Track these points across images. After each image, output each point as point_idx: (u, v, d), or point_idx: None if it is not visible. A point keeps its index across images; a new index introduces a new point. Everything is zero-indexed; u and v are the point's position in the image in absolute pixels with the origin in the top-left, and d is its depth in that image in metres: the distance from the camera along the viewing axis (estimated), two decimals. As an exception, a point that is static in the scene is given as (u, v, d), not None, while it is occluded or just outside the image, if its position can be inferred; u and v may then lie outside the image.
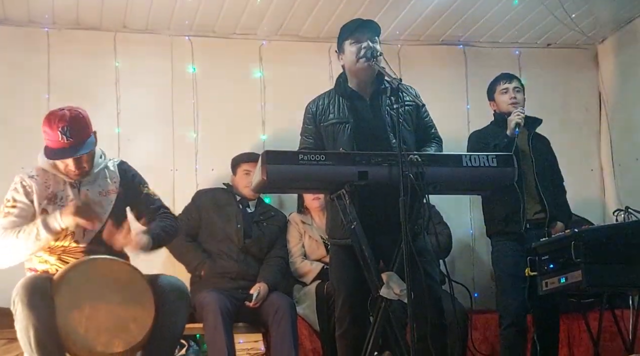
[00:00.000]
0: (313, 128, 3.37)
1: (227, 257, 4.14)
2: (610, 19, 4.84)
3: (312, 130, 3.37)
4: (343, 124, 3.29)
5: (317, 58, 4.90)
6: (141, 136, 4.67)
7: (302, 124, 3.44)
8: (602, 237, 3.55)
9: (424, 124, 3.40)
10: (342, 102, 3.33)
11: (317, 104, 3.39)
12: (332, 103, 3.35)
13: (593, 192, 5.20)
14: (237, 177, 4.37)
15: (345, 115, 3.30)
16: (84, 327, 2.84)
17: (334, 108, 3.33)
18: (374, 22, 3.39)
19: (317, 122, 3.35)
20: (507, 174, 3.14)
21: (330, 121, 3.32)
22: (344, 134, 3.27)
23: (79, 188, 3.12)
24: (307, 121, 3.41)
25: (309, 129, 3.38)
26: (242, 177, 4.33)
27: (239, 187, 4.34)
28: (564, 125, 5.19)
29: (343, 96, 3.34)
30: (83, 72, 4.59)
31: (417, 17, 4.77)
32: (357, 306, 3.19)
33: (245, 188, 4.28)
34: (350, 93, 3.34)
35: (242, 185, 4.30)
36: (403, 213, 2.84)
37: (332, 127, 3.31)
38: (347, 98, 3.33)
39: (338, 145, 3.25)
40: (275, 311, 3.90)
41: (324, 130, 3.34)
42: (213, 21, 4.72)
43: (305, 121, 3.42)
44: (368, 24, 3.35)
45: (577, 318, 4.21)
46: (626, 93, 5.05)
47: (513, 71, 4.81)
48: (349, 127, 3.27)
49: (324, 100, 3.39)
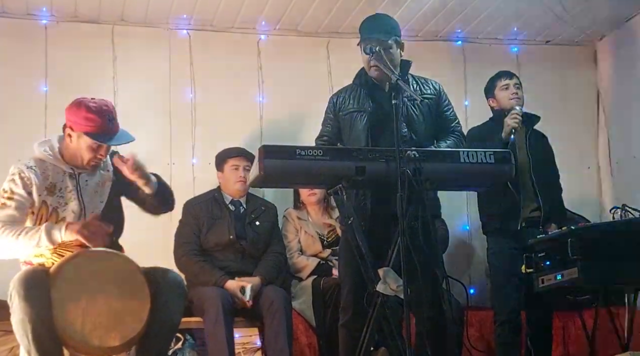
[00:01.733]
0: (332, 117, 3.49)
1: (224, 258, 4.12)
2: (609, 16, 4.84)
3: (331, 118, 3.49)
4: (360, 113, 3.37)
5: (316, 53, 4.90)
6: (138, 129, 4.57)
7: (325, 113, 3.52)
8: (598, 234, 3.55)
9: (444, 118, 3.46)
10: (361, 92, 3.41)
11: (338, 96, 3.49)
12: (353, 95, 3.44)
13: (590, 189, 5.20)
14: (225, 173, 4.29)
15: (363, 104, 3.37)
16: (80, 320, 2.84)
17: (354, 99, 3.42)
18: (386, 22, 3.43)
19: (337, 111, 3.45)
20: (504, 171, 3.15)
21: (348, 110, 3.41)
22: (360, 122, 3.35)
23: (77, 179, 3.14)
24: (328, 110, 3.53)
25: (329, 117, 3.50)
26: (231, 172, 4.26)
27: (228, 184, 4.28)
28: (561, 122, 5.18)
29: (363, 86, 3.41)
30: (80, 65, 4.58)
31: (416, 13, 4.77)
32: (361, 297, 3.18)
33: (236, 184, 4.24)
34: (370, 83, 3.41)
35: (233, 181, 4.25)
36: (400, 209, 2.84)
37: (349, 116, 3.39)
38: (366, 88, 3.40)
39: (354, 134, 3.34)
40: (270, 304, 3.89)
41: (342, 119, 3.43)
42: (211, 15, 4.71)
43: (326, 111, 3.53)
44: (375, 26, 3.39)
45: (573, 315, 4.23)
46: (624, 91, 5.05)
47: (511, 68, 4.82)
48: (365, 116, 3.34)
49: (346, 92, 3.48)
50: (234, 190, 4.27)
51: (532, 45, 5.25)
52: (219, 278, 3.97)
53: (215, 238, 4.13)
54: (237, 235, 4.14)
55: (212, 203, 4.23)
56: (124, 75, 4.68)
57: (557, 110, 5.19)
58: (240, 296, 3.92)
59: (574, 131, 5.25)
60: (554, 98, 5.22)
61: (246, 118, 4.84)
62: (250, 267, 4.13)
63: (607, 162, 5.15)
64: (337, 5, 4.58)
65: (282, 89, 4.85)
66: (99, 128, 3.07)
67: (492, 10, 4.77)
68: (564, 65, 5.30)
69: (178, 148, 4.73)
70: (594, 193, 5.20)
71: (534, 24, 4.98)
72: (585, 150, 5.27)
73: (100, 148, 3.12)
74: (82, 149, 3.11)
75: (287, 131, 4.65)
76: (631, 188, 4.84)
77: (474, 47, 5.18)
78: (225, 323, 3.75)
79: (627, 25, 4.94)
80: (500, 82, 4.15)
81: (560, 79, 5.29)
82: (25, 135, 4.17)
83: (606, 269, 3.46)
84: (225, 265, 4.09)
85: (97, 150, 3.12)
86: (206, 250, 4.14)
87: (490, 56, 5.14)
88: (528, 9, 4.70)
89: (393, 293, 2.94)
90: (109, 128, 3.10)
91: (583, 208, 4.85)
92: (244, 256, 4.16)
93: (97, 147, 3.11)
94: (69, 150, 3.15)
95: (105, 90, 4.57)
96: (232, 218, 4.19)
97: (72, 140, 3.12)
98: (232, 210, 4.23)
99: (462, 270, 4.83)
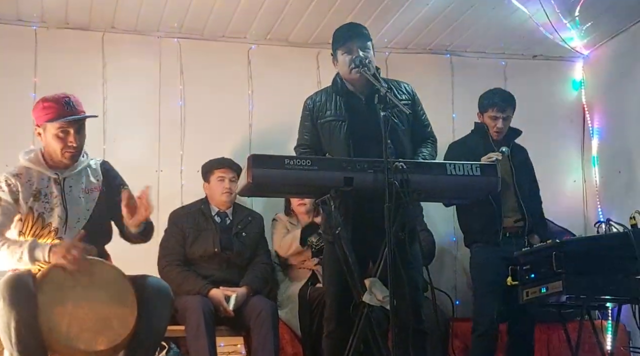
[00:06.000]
0: (310, 125, 3.42)
1: (209, 267, 4.12)
2: (596, 32, 4.90)
3: (309, 127, 3.42)
4: (339, 122, 3.33)
5: (306, 63, 4.92)
6: (127, 136, 4.66)
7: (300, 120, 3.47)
8: (583, 248, 3.59)
9: (420, 122, 3.45)
10: (339, 100, 3.37)
11: (314, 100, 3.44)
12: (329, 100, 3.39)
13: (575, 203, 5.24)
14: (212, 184, 4.28)
15: (342, 113, 3.34)
16: (66, 325, 2.84)
17: (331, 106, 3.38)
18: (363, 29, 3.42)
19: (314, 119, 3.40)
20: (490, 183, 3.17)
21: (327, 118, 3.36)
22: (340, 132, 3.31)
23: (62, 185, 3.14)
24: (304, 117, 3.46)
25: (306, 126, 3.44)
26: (217, 184, 4.26)
27: (214, 195, 4.27)
28: (548, 136, 5.24)
29: (340, 94, 3.38)
30: (70, 72, 4.57)
31: (405, 26, 4.81)
32: (344, 308, 3.18)
33: (222, 195, 4.24)
34: (347, 92, 3.39)
35: (219, 192, 4.24)
36: (388, 219, 2.85)
37: (328, 125, 3.35)
38: (343, 96, 3.37)
39: (334, 143, 3.30)
40: (257, 314, 3.88)
41: (321, 127, 3.38)
42: (202, 24, 4.73)
43: (302, 117, 3.47)
44: (357, 32, 3.38)
45: (557, 328, 4.25)
46: (610, 105, 5.11)
47: (499, 81, 4.89)
48: (345, 125, 3.31)
49: (321, 96, 3.43)
50: (220, 201, 4.27)
51: (519, 59, 5.31)
52: (203, 287, 3.97)
53: (200, 250, 4.13)
54: (222, 247, 4.13)
55: (198, 214, 4.23)
56: (114, 82, 4.68)
57: (543, 124, 5.24)
58: (225, 304, 3.92)
59: (560, 145, 5.30)
60: (541, 112, 5.26)
61: (235, 127, 4.85)
62: (235, 276, 4.12)
63: (592, 176, 5.19)
64: (327, 16, 4.61)
65: (271, 99, 4.87)
66: (57, 113, 3.09)
67: (481, 24, 4.82)
68: (550, 80, 5.36)
69: (166, 156, 4.73)
70: (579, 207, 5.24)
71: (521, 39, 5.03)
72: (571, 164, 5.31)
73: (67, 135, 3.10)
74: (51, 141, 3.12)
75: (276, 140, 4.66)
76: (615, 203, 4.89)
77: (462, 60, 5.23)
78: (206, 332, 3.74)
79: (614, 41, 5.00)
80: (493, 111, 4.17)
81: (547, 93, 5.34)
82: (14, 141, 4.16)
83: (590, 283, 3.50)
84: (209, 274, 4.08)
85: (65, 138, 3.11)
86: (190, 261, 4.14)
87: (478, 69, 5.19)
88: (515, 23, 4.74)
89: (379, 303, 2.95)
90: (68, 111, 3.10)
91: (568, 222, 4.90)
92: (229, 265, 4.15)
93: (63, 133, 3.10)
94: (47, 150, 3.17)
95: (94, 97, 4.57)
96: (217, 230, 4.18)
97: (42, 138, 3.15)
98: (218, 223, 4.23)
99: (448, 281, 4.85)
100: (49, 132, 3.11)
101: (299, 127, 3.48)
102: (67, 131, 3.11)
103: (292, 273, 4.41)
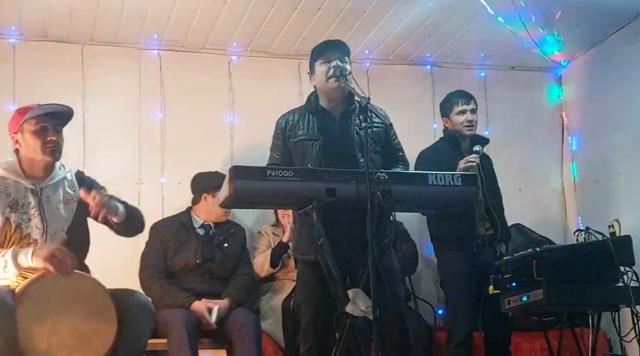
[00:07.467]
0: (281, 145, 3.41)
1: (191, 280, 4.10)
2: (573, 43, 4.96)
3: (280, 146, 3.42)
4: (312, 141, 3.33)
5: (287, 75, 4.92)
6: (107, 149, 4.64)
7: (272, 139, 3.45)
8: (563, 256, 3.61)
9: (392, 146, 3.46)
10: (311, 119, 3.37)
11: (287, 119, 3.43)
12: (302, 119, 3.39)
13: (555, 212, 5.29)
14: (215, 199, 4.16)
15: (315, 132, 3.34)
16: (46, 342, 2.80)
17: (304, 125, 3.37)
18: (342, 42, 3.44)
19: (286, 138, 3.40)
20: (471, 193, 3.20)
21: (299, 137, 3.36)
22: (312, 151, 3.31)
23: (39, 195, 3.11)
24: (276, 136, 3.46)
25: (277, 145, 3.43)
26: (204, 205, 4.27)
27: (213, 212, 4.25)
28: (527, 145, 5.29)
29: (313, 113, 3.38)
30: (49, 84, 4.53)
31: (386, 37, 4.84)
32: (321, 323, 3.20)
33: (208, 214, 4.25)
34: (320, 110, 3.38)
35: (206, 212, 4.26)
36: (370, 230, 2.86)
37: (300, 144, 3.35)
38: (317, 115, 3.37)
39: (306, 162, 3.28)
40: (240, 327, 3.86)
41: (293, 146, 3.38)
42: (183, 36, 4.72)
43: (274, 136, 3.47)
44: (337, 44, 3.40)
45: (539, 336, 4.27)
46: (588, 115, 5.16)
47: (479, 92, 4.92)
48: (318, 144, 3.31)
49: (294, 115, 3.43)
50: (218, 215, 4.26)
51: (499, 70, 5.36)
52: (185, 300, 3.94)
53: (181, 262, 4.11)
54: (204, 258, 4.12)
55: (179, 226, 4.22)
56: (93, 95, 4.66)
57: (523, 134, 5.29)
58: (207, 317, 3.90)
59: (539, 154, 5.34)
60: (520, 122, 5.31)
61: (217, 139, 4.84)
62: (217, 289, 4.11)
63: (571, 185, 5.24)
64: (308, 28, 4.63)
65: (253, 111, 4.86)
66: (32, 111, 3.11)
67: (461, 35, 4.86)
68: (530, 90, 5.41)
69: (147, 168, 4.71)
70: (558, 216, 5.29)
71: (500, 50, 5.08)
72: (550, 174, 5.36)
73: (46, 131, 3.10)
74: (30, 142, 3.10)
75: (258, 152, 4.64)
76: (595, 212, 4.93)
77: (443, 71, 5.27)
78: (189, 345, 3.71)
79: (592, 51, 5.07)
80: (458, 106, 4.15)
81: (527, 103, 5.39)
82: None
83: (570, 291, 3.52)
84: (191, 286, 4.06)
85: (44, 133, 3.10)
86: (172, 273, 4.12)
87: (458, 80, 5.21)
88: (495, 35, 4.79)
89: (362, 314, 2.95)
90: (43, 107, 3.13)
91: (548, 231, 4.93)
92: (211, 277, 4.14)
93: (41, 128, 3.09)
94: (25, 158, 3.13)
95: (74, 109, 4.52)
96: (199, 241, 4.17)
97: (21, 144, 3.12)
98: (200, 235, 4.22)
99: (429, 290, 4.86)
100: (27, 131, 3.10)
101: (271, 145, 3.48)
102: (45, 127, 3.10)
103: (276, 284, 4.40)
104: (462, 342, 3.87)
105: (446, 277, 4.04)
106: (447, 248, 4.04)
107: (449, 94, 4.26)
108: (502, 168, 4.43)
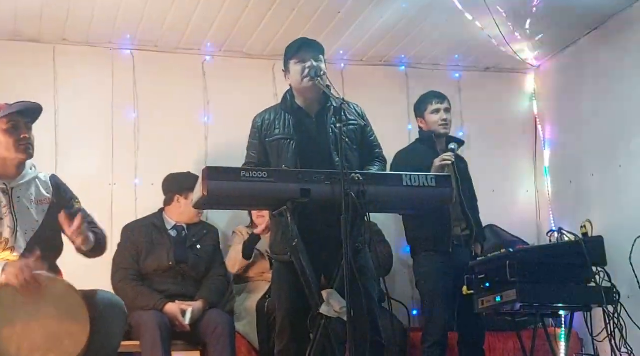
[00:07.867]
0: (257, 143, 3.40)
1: (164, 281, 4.06)
2: (546, 44, 5.00)
3: (256, 145, 3.40)
4: (288, 140, 3.31)
5: (261, 75, 4.91)
6: (79, 149, 4.59)
7: (248, 138, 3.44)
8: (536, 257, 3.64)
9: (369, 143, 3.45)
10: (287, 118, 3.36)
11: (263, 118, 3.42)
12: (278, 118, 3.38)
13: (528, 212, 5.32)
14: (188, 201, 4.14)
15: (291, 131, 3.33)
16: (16, 345, 2.77)
17: (280, 124, 3.36)
18: (317, 42, 3.43)
19: (262, 137, 3.38)
20: (445, 194, 3.20)
21: (275, 137, 3.35)
22: (288, 150, 3.30)
23: (10, 195, 3.08)
24: (252, 135, 3.44)
25: (254, 144, 3.42)
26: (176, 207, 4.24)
27: (186, 213, 4.22)
28: (500, 147, 5.33)
29: (289, 112, 3.37)
30: (21, 84, 4.47)
31: (361, 38, 4.85)
32: (297, 322, 3.19)
33: (181, 216, 4.22)
34: (296, 109, 3.37)
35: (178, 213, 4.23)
36: (344, 231, 2.86)
37: (277, 143, 3.33)
38: (293, 114, 3.36)
39: (282, 161, 3.27)
40: (214, 328, 3.85)
41: (269, 145, 3.36)
42: (156, 36, 4.69)
43: (250, 135, 3.45)
44: (311, 43, 3.39)
45: (512, 336, 4.30)
46: (561, 116, 5.21)
47: (453, 93, 4.95)
48: (294, 143, 3.30)
49: (270, 114, 3.41)
50: (190, 217, 4.23)
51: (473, 71, 5.39)
52: (158, 302, 3.91)
53: (154, 263, 4.07)
54: (176, 260, 4.09)
55: (151, 228, 4.18)
56: (65, 95, 4.61)
57: (496, 135, 5.33)
58: (181, 319, 3.88)
59: (512, 155, 5.38)
60: (494, 123, 5.34)
61: (191, 140, 4.81)
62: (191, 290, 4.08)
63: (544, 186, 5.28)
64: (282, 28, 4.62)
65: (228, 111, 4.85)
66: (2, 110, 3.09)
67: (435, 37, 4.88)
68: (503, 92, 5.44)
69: (120, 169, 4.67)
70: (532, 217, 5.32)
71: (474, 51, 5.11)
72: (524, 175, 5.39)
73: (18, 129, 3.08)
74: (2, 140, 3.08)
75: (232, 152, 4.63)
76: (567, 212, 4.98)
77: (417, 72, 5.28)
78: (162, 347, 3.69)
79: (565, 53, 5.11)
80: (432, 105, 4.16)
81: (500, 104, 5.43)
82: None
83: (543, 291, 3.55)
84: (164, 288, 4.03)
85: (17, 131, 3.08)
86: (145, 275, 4.08)
87: (432, 81, 5.22)
88: (469, 37, 4.82)
89: (337, 315, 2.95)
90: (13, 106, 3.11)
91: (521, 231, 4.97)
92: (184, 279, 4.11)
93: (13, 126, 3.07)
94: None
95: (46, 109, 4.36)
96: (172, 243, 4.14)
97: None
98: (172, 236, 4.18)
99: (404, 291, 4.86)
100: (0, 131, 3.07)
101: (247, 145, 3.46)
102: (17, 125, 3.08)
103: (250, 285, 4.38)
104: (437, 342, 3.88)
105: (422, 278, 4.05)
106: (422, 248, 4.05)
107: (423, 95, 4.28)
108: (476, 169, 4.45)
